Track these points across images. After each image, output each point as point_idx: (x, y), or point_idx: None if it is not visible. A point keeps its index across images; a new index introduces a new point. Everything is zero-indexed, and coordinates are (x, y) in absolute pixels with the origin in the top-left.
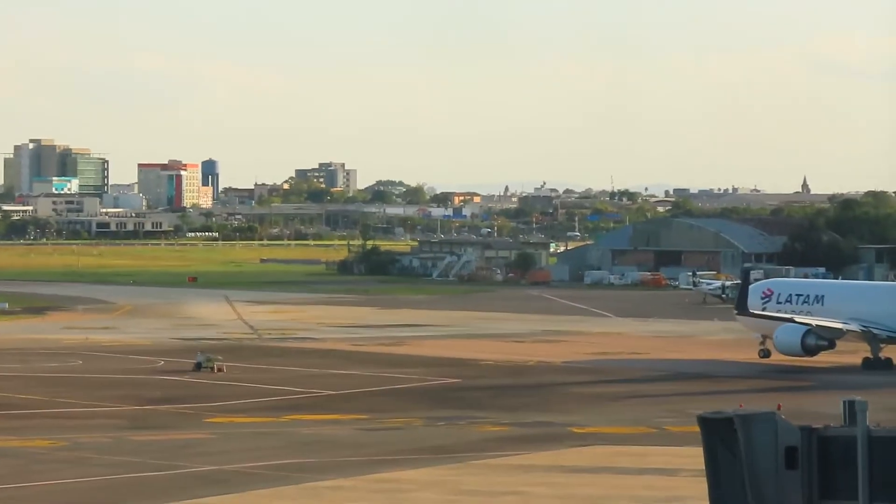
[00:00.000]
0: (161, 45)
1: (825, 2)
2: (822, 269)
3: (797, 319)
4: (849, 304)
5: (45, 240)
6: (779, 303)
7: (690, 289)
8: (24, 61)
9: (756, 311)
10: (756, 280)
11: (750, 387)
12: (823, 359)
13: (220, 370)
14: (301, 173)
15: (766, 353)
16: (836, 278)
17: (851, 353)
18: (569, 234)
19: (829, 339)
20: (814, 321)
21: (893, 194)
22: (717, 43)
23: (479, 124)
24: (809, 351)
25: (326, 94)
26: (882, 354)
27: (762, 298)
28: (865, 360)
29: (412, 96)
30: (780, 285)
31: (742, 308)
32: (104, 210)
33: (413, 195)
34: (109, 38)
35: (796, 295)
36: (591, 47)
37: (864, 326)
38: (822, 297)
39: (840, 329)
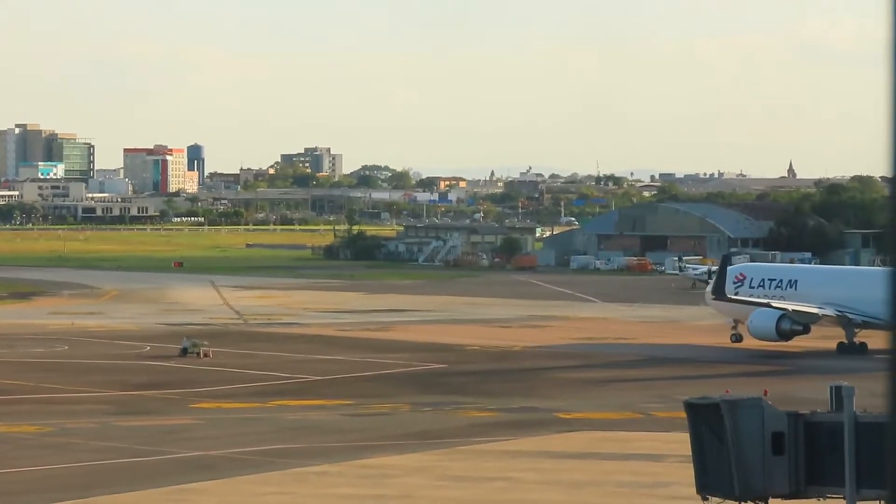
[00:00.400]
0: (147, 30)
1: None
2: (808, 254)
3: (774, 304)
4: (822, 288)
5: (31, 225)
6: (751, 287)
7: (676, 274)
8: (9, 45)
9: (734, 296)
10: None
11: (737, 372)
12: (799, 343)
13: (206, 355)
14: (287, 158)
15: (737, 338)
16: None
17: (824, 339)
18: (563, 219)
19: (803, 323)
20: (790, 306)
21: (879, 179)
22: (703, 28)
23: (465, 109)
24: (784, 335)
25: (312, 78)
26: (857, 339)
27: (735, 283)
28: (840, 344)
29: (398, 81)
30: (752, 270)
31: (720, 293)
32: (90, 195)
33: (399, 180)
34: (96, 22)
35: (769, 280)
36: (577, 32)
37: (840, 311)
38: (796, 281)
39: (816, 314)
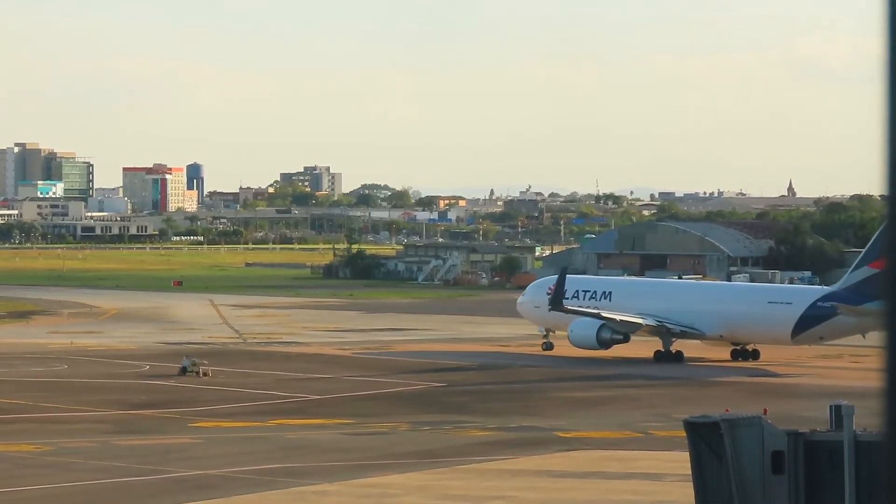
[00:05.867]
0: (146, 48)
1: (808, 4)
2: (807, 273)
3: (604, 314)
4: (637, 300)
5: (30, 244)
6: (564, 298)
7: None
8: (8, 64)
9: (571, 307)
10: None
11: (738, 390)
12: (615, 352)
13: (205, 374)
14: (286, 177)
15: (548, 346)
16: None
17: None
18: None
19: (623, 333)
20: (618, 316)
21: (879, 198)
22: (700, 46)
23: (464, 128)
24: (604, 344)
25: (311, 97)
26: (672, 348)
27: (547, 294)
28: (657, 352)
29: (397, 100)
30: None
31: (557, 304)
32: (89, 214)
33: (398, 199)
34: (94, 41)
35: (583, 291)
36: (576, 51)
37: (659, 321)
38: (610, 293)
39: (640, 324)
